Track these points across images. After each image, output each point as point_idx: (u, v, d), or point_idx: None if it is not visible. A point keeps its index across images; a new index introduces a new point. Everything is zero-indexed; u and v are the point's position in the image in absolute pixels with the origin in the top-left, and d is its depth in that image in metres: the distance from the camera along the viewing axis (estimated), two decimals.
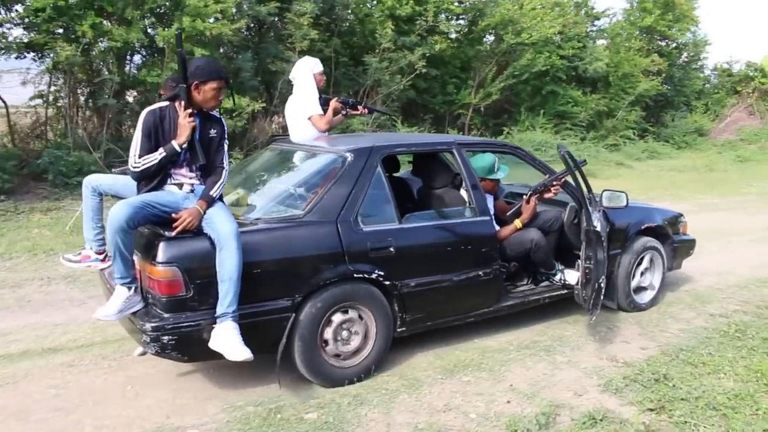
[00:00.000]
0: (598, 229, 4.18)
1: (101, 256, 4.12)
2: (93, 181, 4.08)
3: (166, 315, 3.23)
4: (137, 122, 3.40)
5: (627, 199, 4.64)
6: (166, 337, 3.18)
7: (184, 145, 3.38)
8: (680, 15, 20.89)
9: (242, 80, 11.26)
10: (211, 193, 3.40)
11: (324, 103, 5.15)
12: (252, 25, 12.76)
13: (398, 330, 3.89)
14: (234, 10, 10.80)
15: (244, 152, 11.09)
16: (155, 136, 3.38)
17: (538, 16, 16.29)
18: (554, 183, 4.50)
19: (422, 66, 13.29)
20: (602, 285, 4.22)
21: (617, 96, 18.85)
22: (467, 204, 4.28)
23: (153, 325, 3.18)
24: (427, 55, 13.67)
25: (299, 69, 5.15)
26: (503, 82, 15.74)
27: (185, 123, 3.36)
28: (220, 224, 3.23)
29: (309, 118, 5.04)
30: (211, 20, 10.26)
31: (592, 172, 13.02)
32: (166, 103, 3.47)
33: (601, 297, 4.28)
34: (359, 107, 5.39)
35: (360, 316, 3.73)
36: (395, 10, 13.77)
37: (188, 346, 3.26)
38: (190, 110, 3.38)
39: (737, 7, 54.61)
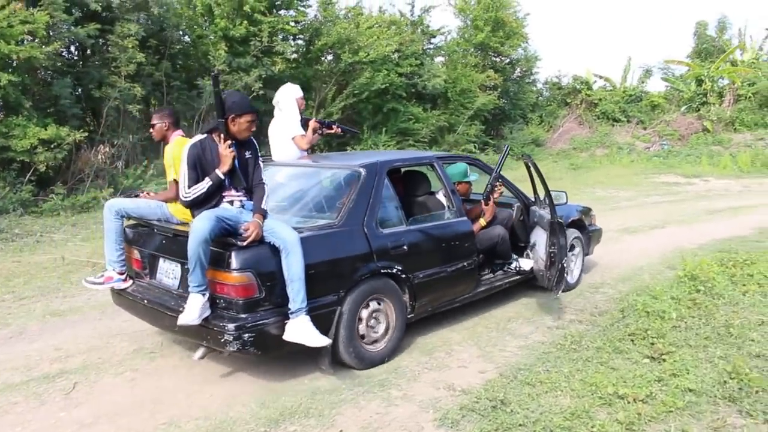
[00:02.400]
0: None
1: (123, 276, 4.69)
2: (116, 205, 4.63)
3: (243, 315, 3.93)
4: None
5: (566, 198, 6.26)
6: (246, 335, 3.87)
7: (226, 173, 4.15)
8: (510, 32, 23.22)
9: (61, 108, 11.31)
10: (261, 206, 4.17)
11: (303, 124, 6.05)
12: (73, 48, 12.81)
13: (409, 316, 4.91)
14: (47, 32, 10.88)
15: (67, 187, 11.11)
16: (200, 167, 4.15)
17: (375, 34, 17.65)
18: (495, 185, 5.85)
19: (259, 88, 13.97)
20: (565, 266, 5.53)
21: (457, 111, 20.66)
22: (446, 207, 5.52)
23: (235, 324, 3.87)
24: (264, 76, 14.39)
25: (283, 94, 6.02)
26: (344, 101, 16.82)
27: (227, 153, 4.13)
28: (283, 233, 3.99)
29: (292, 139, 5.90)
30: (20, 42, 10.32)
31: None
32: (204, 135, 4.26)
33: (564, 276, 5.59)
34: (333, 126, 6.38)
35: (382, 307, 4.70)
36: (229, 31, 14.43)
37: (264, 342, 3.99)
38: (229, 141, 4.16)
39: (562, 25, 60.54)
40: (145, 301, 4.48)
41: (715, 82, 27.80)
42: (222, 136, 4.16)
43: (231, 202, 4.24)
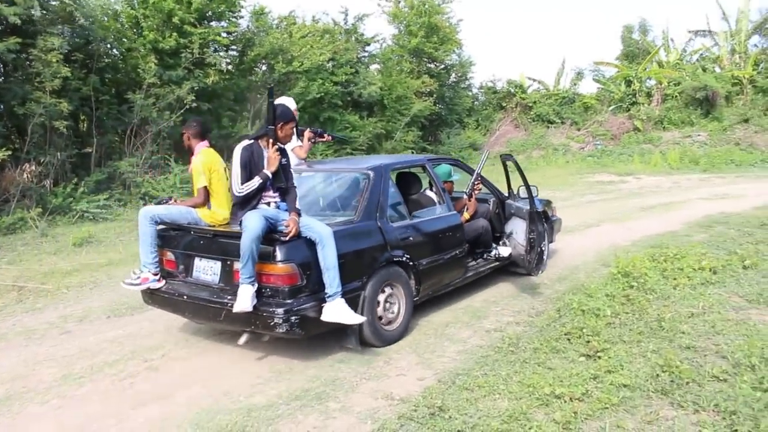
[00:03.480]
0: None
1: (156, 277, 5.24)
2: (150, 211, 5.20)
3: (288, 301, 4.53)
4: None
5: (537, 191, 7.00)
6: (293, 318, 4.48)
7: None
8: (444, 37, 23.48)
9: None
10: (296, 206, 4.85)
11: (299, 134, 6.39)
12: None
13: (415, 299, 5.58)
14: None
15: None
16: (249, 167, 4.76)
17: (309, 44, 17.61)
18: (475, 183, 6.83)
19: (192, 100, 13.77)
20: (544, 249, 6.52)
21: (393, 118, 20.78)
22: (437, 203, 6.35)
23: (284, 309, 4.47)
24: (197, 88, 14.19)
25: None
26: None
27: (274, 156, 4.78)
28: (318, 228, 4.64)
29: (292, 150, 6.14)
30: None
31: None
32: (252, 141, 4.88)
33: (543, 259, 6.51)
34: (325, 135, 6.64)
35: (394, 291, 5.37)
36: (158, 43, 14.14)
37: (306, 323, 4.58)
38: (277, 146, 4.83)
39: (496, 30, 61.70)
40: (185, 297, 5.02)
41: (643, 82, 28.72)
42: (271, 141, 4.79)
43: (267, 203, 4.85)
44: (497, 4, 69.59)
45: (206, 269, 5.06)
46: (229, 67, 16.65)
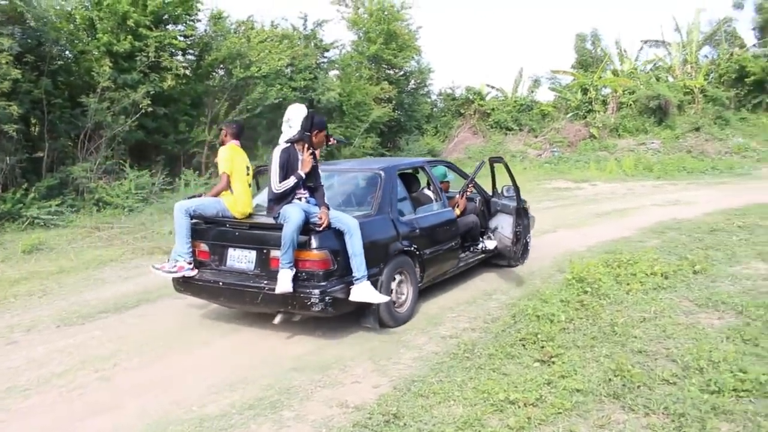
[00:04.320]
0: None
1: (191, 266, 5.81)
2: (185, 205, 5.85)
3: (323, 283, 5.22)
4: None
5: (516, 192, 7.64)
6: (327, 298, 5.16)
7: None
8: (403, 44, 23.54)
9: None
10: (325, 201, 5.55)
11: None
12: None
13: (419, 285, 6.30)
14: None
15: None
16: (286, 167, 5.39)
17: (267, 48, 17.46)
18: (469, 185, 7.65)
19: (147, 105, 13.58)
20: (528, 241, 7.71)
21: (352, 124, 20.76)
22: (434, 200, 7.12)
23: (320, 290, 5.15)
24: (153, 92, 14.00)
25: (294, 113, 6.34)
26: (237, 116, 16.50)
27: (309, 159, 5.48)
28: (346, 219, 5.36)
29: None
30: None
31: None
32: (288, 144, 5.51)
33: (528, 249, 7.69)
34: (331, 139, 6.67)
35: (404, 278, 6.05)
36: (112, 46, 13.90)
37: (336, 303, 5.25)
38: (311, 150, 5.50)
39: (455, 38, 62.20)
40: (220, 283, 5.63)
41: (599, 90, 29.23)
42: (306, 146, 5.48)
43: (299, 199, 5.49)
44: (456, 12, 70.21)
45: (241, 258, 5.70)
46: (187, 71, 16.43)
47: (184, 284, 5.95)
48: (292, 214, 5.14)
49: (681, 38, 32.14)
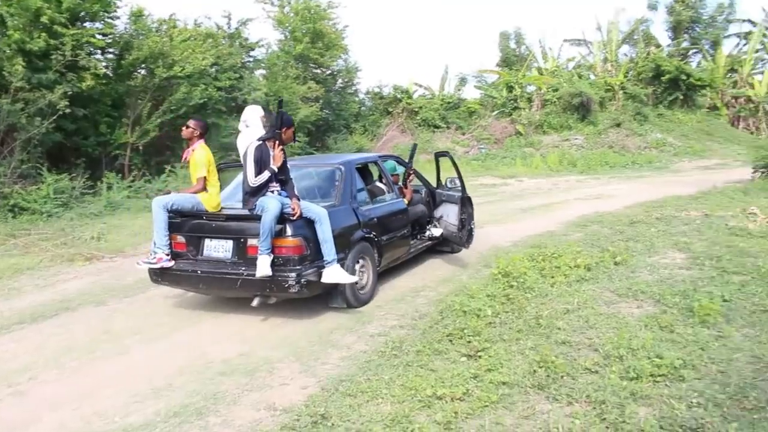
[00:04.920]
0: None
1: (168, 257, 6.19)
2: (162, 200, 6.20)
3: (298, 267, 5.73)
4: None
5: (461, 183, 8.40)
6: (302, 280, 5.68)
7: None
8: (330, 43, 23.48)
9: None
10: (295, 193, 6.04)
11: None
12: None
13: (378, 269, 6.87)
14: None
15: None
16: (260, 163, 5.85)
17: (190, 48, 17.06)
18: (408, 174, 8.29)
19: (65, 106, 13.11)
20: (472, 227, 8.24)
21: None
22: (386, 191, 7.74)
23: (295, 273, 5.67)
24: (71, 93, 13.53)
25: (250, 114, 6.93)
26: (160, 117, 16.15)
27: (280, 154, 5.93)
28: (316, 209, 5.95)
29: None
30: None
31: None
32: (261, 141, 5.95)
33: (472, 235, 8.23)
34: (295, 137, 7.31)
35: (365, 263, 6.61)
36: (25, 44, 13.34)
37: (310, 285, 5.80)
38: (282, 146, 5.94)
39: (382, 36, 62.49)
40: (199, 272, 6.07)
41: (523, 88, 29.87)
42: (277, 142, 5.92)
43: (272, 191, 5.90)
44: (383, 11, 70.53)
45: (218, 247, 6.16)
46: (107, 71, 15.95)
47: (161, 275, 6.29)
48: (270, 205, 5.66)
49: (602, 37, 33.25)
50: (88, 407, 4.28)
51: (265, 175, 5.84)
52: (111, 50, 16.30)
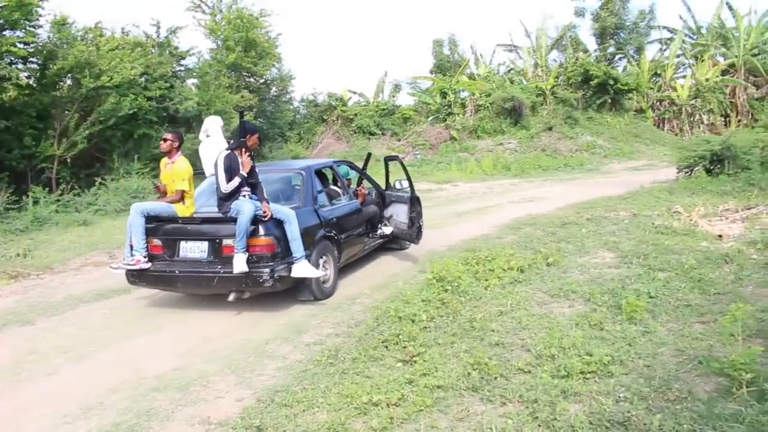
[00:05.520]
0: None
1: (146, 259, 6.61)
2: (140, 207, 6.68)
3: (271, 263, 6.30)
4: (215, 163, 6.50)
5: (410, 184, 9.23)
6: (275, 275, 6.26)
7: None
8: (263, 52, 23.31)
9: None
10: (265, 196, 6.61)
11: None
12: None
13: (338, 264, 7.45)
14: None
15: None
16: (230, 170, 6.37)
17: (118, 57, 16.69)
18: (363, 177, 9.16)
19: None
20: (421, 225, 9.13)
21: None
22: (341, 194, 8.32)
23: (269, 269, 6.25)
24: None
25: (214, 124, 8.04)
26: (88, 129, 15.77)
27: (248, 161, 6.54)
28: (285, 211, 6.55)
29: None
30: None
31: None
32: (229, 150, 6.52)
33: (421, 231, 9.08)
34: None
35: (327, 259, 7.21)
36: None
37: (282, 279, 6.38)
38: (249, 153, 6.59)
39: (315, 44, 62.42)
40: (177, 272, 6.57)
41: (457, 94, 30.27)
42: (243, 149, 6.53)
43: (243, 195, 6.45)
44: (316, 19, 70.46)
45: (194, 249, 6.61)
46: (30, 81, 15.47)
47: (138, 276, 6.73)
48: (245, 207, 6.21)
49: (531, 43, 34.00)
50: None
51: (236, 181, 6.38)
52: (34, 60, 15.80)
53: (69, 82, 16.49)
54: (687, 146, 18.04)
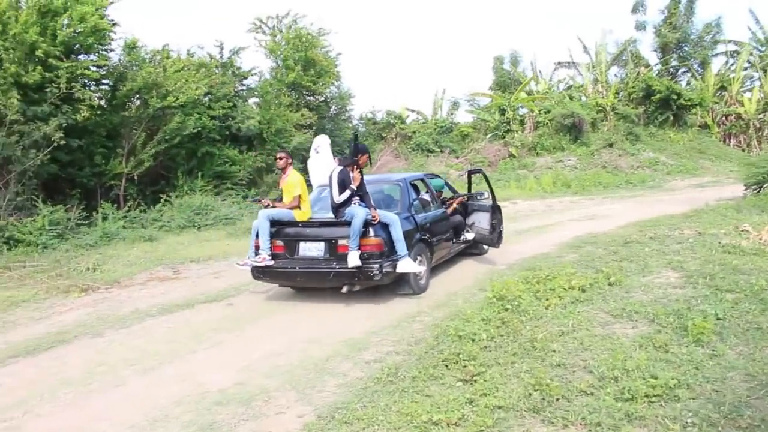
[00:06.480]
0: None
1: (270, 257, 7.68)
2: (267, 213, 7.81)
3: (380, 260, 7.34)
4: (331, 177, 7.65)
5: (491, 194, 10.27)
6: (384, 270, 7.29)
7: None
8: (322, 71, 23.60)
9: None
10: (372, 204, 7.61)
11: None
12: None
13: (430, 265, 8.46)
14: None
15: None
16: (343, 184, 7.49)
17: (184, 78, 17.20)
18: (458, 197, 10.13)
19: (60, 138, 13.17)
20: (502, 230, 10.00)
21: (274, 151, 20.50)
22: (431, 203, 9.30)
23: (378, 265, 7.28)
24: (66, 125, 13.61)
25: (323, 142, 8.89)
26: (155, 147, 16.24)
27: (358, 176, 7.61)
28: (390, 216, 7.58)
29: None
30: None
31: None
32: (342, 167, 7.64)
33: (502, 237, 10.01)
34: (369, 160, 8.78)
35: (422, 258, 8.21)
36: (21, 77, 13.46)
37: (388, 274, 7.39)
38: (360, 169, 7.68)
39: (374, 63, 63.05)
40: (297, 268, 7.67)
41: (516, 110, 30.07)
42: (354, 166, 7.64)
43: (354, 203, 7.48)
44: (375, 37, 71.11)
45: (311, 248, 7.69)
46: (101, 102, 16.03)
47: (263, 272, 7.82)
48: (359, 212, 7.29)
49: (590, 59, 33.53)
50: None
51: (347, 193, 7.46)
52: (105, 81, 16.44)
53: (137, 102, 17.08)
54: (755, 162, 17.46)
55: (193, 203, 16.00)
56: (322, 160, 8.87)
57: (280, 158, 8.41)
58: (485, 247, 10.43)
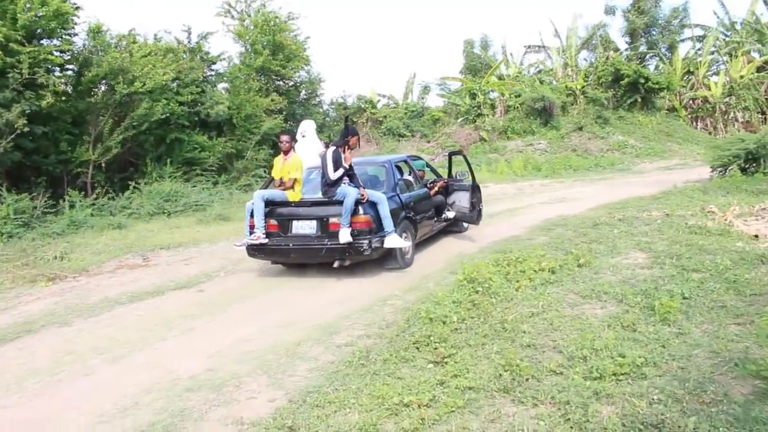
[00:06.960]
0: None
1: (265, 236, 8.10)
2: (261, 193, 8.23)
3: (368, 237, 7.83)
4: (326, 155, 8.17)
5: (471, 173, 11.00)
6: (373, 246, 7.82)
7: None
8: (291, 55, 23.38)
9: None
10: (360, 183, 8.12)
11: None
12: None
13: (414, 241, 8.97)
14: None
15: None
16: (337, 162, 7.99)
17: (151, 63, 16.90)
18: (440, 182, 10.50)
19: (24, 124, 12.91)
20: (481, 208, 10.83)
21: (243, 137, 20.50)
22: (414, 183, 9.87)
23: (368, 241, 7.79)
24: (29, 111, 13.34)
25: (308, 127, 9.59)
26: (122, 134, 16.00)
27: (349, 156, 8.19)
28: (378, 195, 8.13)
29: (320, 154, 8.77)
30: None
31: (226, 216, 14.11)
32: (335, 147, 8.14)
33: (481, 214, 10.81)
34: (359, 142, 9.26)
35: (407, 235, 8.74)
36: None
37: (376, 249, 7.92)
38: (350, 150, 8.23)
39: (344, 47, 62.76)
40: (291, 245, 8.14)
41: (486, 95, 30.16)
42: (346, 147, 8.17)
43: (344, 183, 7.99)
44: (345, 21, 70.72)
45: (304, 226, 8.18)
46: (66, 88, 15.71)
47: (258, 250, 8.30)
48: (351, 192, 7.78)
49: (561, 43, 33.74)
50: (51, 431, 4.22)
51: (341, 171, 8.01)
52: (70, 67, 16.08)
53: (103, 88, 16.77)
54: (721, 145, 17.73)
55: (163, 190, 15.79)
56: (309, 144, 9.39)
57: (283, 142, 8.73)
58: (465, 224, 10.96)
